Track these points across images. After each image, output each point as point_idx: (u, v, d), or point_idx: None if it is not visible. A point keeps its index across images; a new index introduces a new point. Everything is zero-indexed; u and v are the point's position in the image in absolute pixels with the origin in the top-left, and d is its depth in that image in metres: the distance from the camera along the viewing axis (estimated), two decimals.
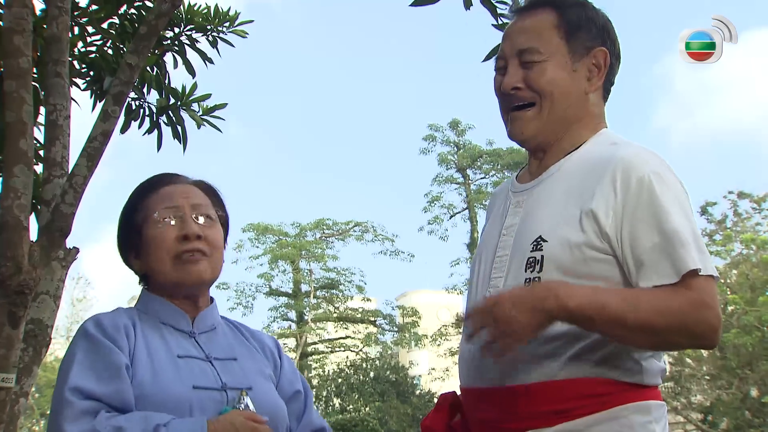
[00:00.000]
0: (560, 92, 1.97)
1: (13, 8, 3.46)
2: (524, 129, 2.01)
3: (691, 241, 1.79)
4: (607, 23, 2.06)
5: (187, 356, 1.97)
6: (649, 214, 1.81)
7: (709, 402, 24.01)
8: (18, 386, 3.51)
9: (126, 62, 3.89)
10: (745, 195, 25.13)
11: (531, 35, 2.00)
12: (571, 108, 1.99)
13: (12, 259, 3.15)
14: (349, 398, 30.07)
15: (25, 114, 3.36)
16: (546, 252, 1.85)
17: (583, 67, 2.00)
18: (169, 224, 2.00)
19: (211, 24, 5.53)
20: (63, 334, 34.30)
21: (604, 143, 1.97)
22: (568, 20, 2.00)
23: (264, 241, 36.07)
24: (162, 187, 2.08)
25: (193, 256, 1.99)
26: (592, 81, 2.01)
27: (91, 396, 1.79)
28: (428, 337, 35.48)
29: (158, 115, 5.52)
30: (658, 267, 1.79)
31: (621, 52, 2.08)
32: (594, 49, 2.01)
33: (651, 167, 1.85)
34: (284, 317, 36.14)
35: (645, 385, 1.85)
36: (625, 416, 1.80)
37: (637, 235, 1.81)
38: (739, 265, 23.86)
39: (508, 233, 1.98)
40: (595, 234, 1.83)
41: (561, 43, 1.99)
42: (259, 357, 2.13)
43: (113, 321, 1.94)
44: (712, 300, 1.77)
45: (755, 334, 21.35)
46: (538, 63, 1.97)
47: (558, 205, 1.90)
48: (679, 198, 1.85)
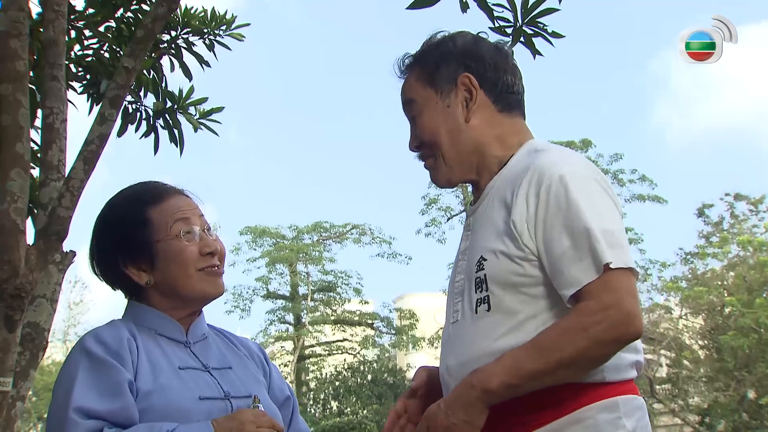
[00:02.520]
0: (441, 135, 2.04)
1: (10, 12, 3.46)
2: (436, 178, 2.09)
3: (600, 237, 1.79)
4: (468, 47, 2.09)
5: (188, 367, 1.97)
6: (558, 218, 1.83)
7: (706, 404, 24.02)
8: (15, 390, 3.51)
9: (123, 65, 3.90)
10: (741, 197, 25.16)
11: (405, 93, 2.13)
12: (462, 142, 2.04)
13: (9, 263, 3.15)
14: (347, 401, 30.06)
15: (21, 117, 3.36)
16: (487, 270, 1.90)
17: (456, 99, 2.05)
18: (191, 238, 2.02)
19: (207, 27, 5.54)
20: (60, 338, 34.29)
21: (529, 153, 2.00)
22: (425, 67, 2.09)
23: (261, 244, 36.05)
24: (164, 199, 2.07)
25: (217, 270, 2.04)
26: (469, 107, 2.05)
27: (95, 415, 1.79)
28: (426, 340, 35.42)
29: (155, 119, 5.53)
30: (573, 270, 1.79)
31: (504, 60, 2.10)
32: (458, 78, 2.05)
33: (561, 170, 1.86)
34: (281, 320, 36.11)
35: (609, 382, 1.85)
36: (590, 417, 1.81)
37: (549, 243, 1.83)
38: (735, 268, 23.90)
39: (462, 257, 2.04)
40: (518, 244, 1.86)
41: (427, 90, 2.07)
42: (250, 364, 2.14)
43: (115, 335, 1.93)
44: (612, 297, 1.76)
45: (752, 336, 21.38)
46: (418, 116, 2.08)
47: (491, 223, 1.95)
48: (590, 196, 1.85)
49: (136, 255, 2.02)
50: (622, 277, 1.78)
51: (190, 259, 2.00)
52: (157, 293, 2.03)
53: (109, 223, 2.08)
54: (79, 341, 1.94)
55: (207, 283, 2.03)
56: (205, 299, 2.06)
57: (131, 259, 2.03)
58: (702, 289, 23.17)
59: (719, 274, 24.64)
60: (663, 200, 28.74)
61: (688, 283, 24.91)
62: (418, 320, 35.92)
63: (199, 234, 2.04)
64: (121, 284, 2.07)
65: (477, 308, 1.91)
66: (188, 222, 2.04)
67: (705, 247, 25.46)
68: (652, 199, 28.03)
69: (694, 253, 25.80)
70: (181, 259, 2.00)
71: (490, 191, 2.02)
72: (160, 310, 2.03)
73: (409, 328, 35.75)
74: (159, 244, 2.00)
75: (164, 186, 2.12)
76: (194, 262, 2.01)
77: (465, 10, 4.87)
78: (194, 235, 2.03)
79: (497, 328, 1.87)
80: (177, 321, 2.05)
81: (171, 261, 2.00)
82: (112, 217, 2.08)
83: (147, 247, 2.01)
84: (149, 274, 2.02)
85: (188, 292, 2.02)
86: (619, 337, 1.76)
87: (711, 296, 23.57)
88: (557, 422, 1.81)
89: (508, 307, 1.87)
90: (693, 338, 25.20)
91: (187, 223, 2.03)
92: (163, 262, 2.00)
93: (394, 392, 29.86)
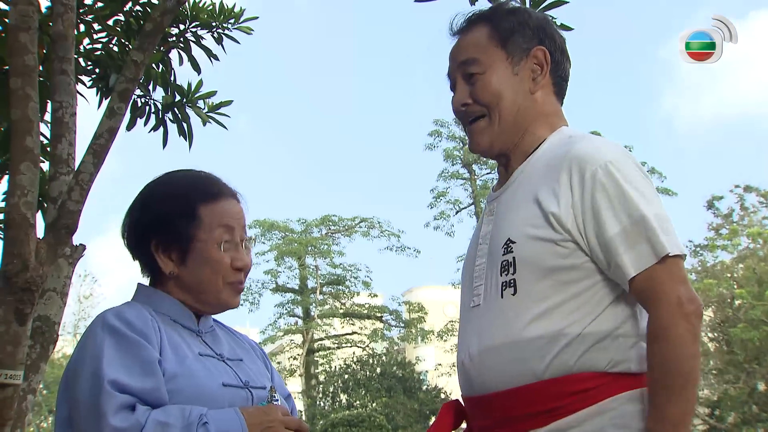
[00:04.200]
0: (506, 99, 2.03)
1: (19, 6, 3.46)
2: (480, 141, 2.07)
3: (656, 223, 1.81)
4: (542, 23, 2.11)
5: (206, 355, 1.97)
6: (608, 203, 1.84)
7: (716, 396, 23.99)
8: (26, 383, 3.52)
9: (131, 59, 3.90)
10: (751, 189, 25.09)
11: (469, 49, 2.08)
12: (520, 112, 2.04)
13: (19, 257, 3.16)
14: (356, 394, 30.09)
15: (31, 111, 3.36)
16: (516, 253, 1.90)
17: (524, 69, 2.05)
18: (228, 248, 2.01)
19: (216, 21, 5.53)
20: (70, 331, 34.39)
21: (562, 140, 2.01)
22: (500, 28, 2.06)
23: (270, 238, 36.16)
24: (219, 199, 2.05)
25: (240, 286, 2.05)
26: (537, 80, 2.05)
27: (127, 391, 1.76)
28: (434, 333, 35.52)
29: (164, 112, 5.54)
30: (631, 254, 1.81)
31: (566, 48, 2.12)
32: (532, 49, 2.05)
33: (604, 158, 1.87)
34: (291, 313, 36.23)
35: (634, 373, 1.85)
36: (615, 408, 1.80)
37: (601, 228, 1.83)
38: (745, 260, 23.83)
39: (483, 241, 2.03)
40: (557, 229, 1.86)
41: (498, 51, 2.05)
42: (256, 359, 2.15)
43: (138, 314, 1.91)
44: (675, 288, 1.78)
45: (762, 328, 21.32)
46: (480, 75, 2.04)
47: (523, 207, 1.94)
48: (636, 183, 1.86)
49: (171, 243, 2.00)
50: (680, 265, 1.82)
51: (223, 269, 2.00)
52: (177, 286, 2.02)
53: (156, 203, 2.05)
54: (97, 319, 1.90)
55: (229, 297, 2.03)
56: (222, 309, 2.07)
57: (164, 245, 2.01)
58: (712, 281, 23.11)
59: (729, 266, 24.58)
60: (672, 192, 28.72)
61: (698, 275, 24.84)
62: (427, 313, 35.97)
63: (236, 246, 2.03)
64: (143, 263, 2.06)
65: (503, 291, 1.90)
66: (232, 232, 2.02)
67: (715, 240, 25.40)
68: (661, 192, 27.99)
69: (704, 246, 25.75)
70: (216, 267, 1.99)
71: (519, 176, 2.02)
72: (173, 297, 2.03)
73: (417, 321, 35.82)
74: (198, 243, 1.99)
75: (221, 185, 2.09)
76: (225, 274, 2.00)
77: (473, 2, 4.86)
78: (233, 247, 2.02)
79: (524, 314, 1.86)
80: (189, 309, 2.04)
81: (204, 264, 1.99)
82: (161, 199, 2.05)
83: (185, 241, 1.99)
84: (176, 266, 2.00)
85: (210, 299, 2.02)
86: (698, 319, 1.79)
87: (721, 289, 23.52)
88: (583, 412, 1.80)
89: (537, 291, 1.86)
90: (703, 331, 25.11)
91: (230, 233, 2.02)
92: (196, 262, 1.99)
93: (402, 385, 29.89)
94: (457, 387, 2.14)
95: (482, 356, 1.90)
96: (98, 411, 1.73)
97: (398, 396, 29.16)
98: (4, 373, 3.12)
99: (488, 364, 1.89)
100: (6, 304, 3.16)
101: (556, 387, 1.81)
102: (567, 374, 1.82)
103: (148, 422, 1.73)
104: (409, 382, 30.35)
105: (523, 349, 1.84)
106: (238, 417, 1.82)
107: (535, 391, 1.82)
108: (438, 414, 2.07)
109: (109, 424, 1.72)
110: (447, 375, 33.32)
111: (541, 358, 1.83)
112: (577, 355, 1.82)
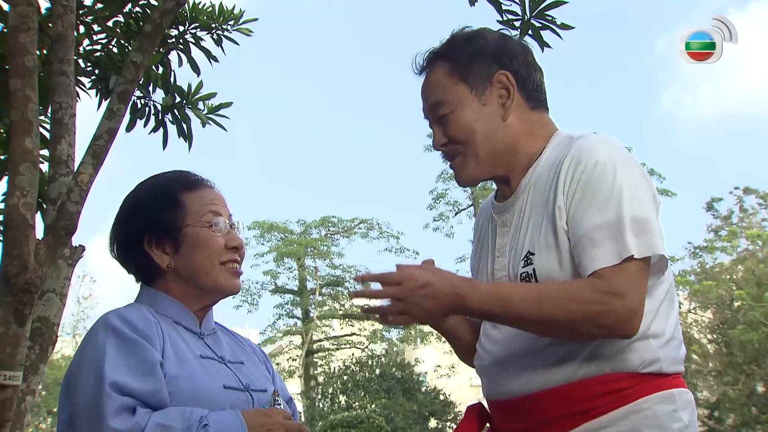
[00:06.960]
0: (478, 133, 2.02)
1: (19, 7, 3.47)
2: (462, 175, 2.07)
3: (629, 224, 1.80)
4: (500, 44, 2.09)
5: (207, 357, 1.98)
6: (590, 199, 1.84)
7: (715, 398, 23.96)
8: (25, 384, 3.52)
9: (131, 60, 3.90)
10: (751, 191, 25.07)
11: (434, 92, 2.07)
12: (498, 140, 2.03)
13: (18, 258, 3.16)
14: (355, 395, 30.06)
15: (30, 112, 3.36)
16: (536, 264, 1.90)
17: (491, 98, 2.03)
18: (219, 229, 2.04)
19: (215, 22, 5.53)
20: (69, 332, 34.42)
21: (562, 142, 2.01)
22: (459, 62, 2.04)
23: (269, 239, 36.15)
24: (200, 188, 2.10)
25: (237, 268, 2.06)
26: (506, 105, 2.03)
27: (129, 393, 1.77)
28: (434, 334, 35.44)
29: (164, 114, 5.54)
30: (595, 251, 1.80)
31: (531, 58, 2.10)
32: (494, 75, 2.03)
33: (599, 154, 1.88)
34: (290, 314, 36.22)
35: (665, 373, 1.87)
36: (648, 408, 1.82)
37: (581, 217, 1.84)
38: (745, 261, 23.79)
39: (501, 254, 2.03)
40: (564, 230, 1.87)
41: (460, 86, 2.04)
42: (257, 362, 2.16)
43: (141, 315, 1.92)
44: (624, 287, 1.77)
45: (762, 330, 21.29)
46: (450, 115, 2.03)
47: (537, 215, 1.95)
48: (627, 183, 1.86)
49: (163, 236, 2.03)
50: (638, 270, 1.79)
51: (216, 249, 2.02)
52: (175, 280, 2.03)
53: (141, 201, 2.09)
54: (100, 320, 1.92)
55: (226, 279, 2.04)
56: (222, 293, 2.07)
57: (157, 239, 2.03)
58: (711, 283, 23.09)
59: (728, 268, 24.54)
60: (672, 193, 28.71)
61: (697, 277, 24.84)
62: None
63: (226, 227, 2.06)
64: (139, 266, 2.07)
65: None
66: (218, 214, 2.06)
67: (714, 241, 25.38)
68: (661, 193, 27.73)
69: (703, 247, 25.74)
70: (208, 247, 2.02)
71: (528, 184, 2.01)
72: (175, 299, 2.03)
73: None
74: (188, 228, 2.02)
75: (197, 176, 2.14)
76: (219, 253, 2.02)
77: (473, 3, 4.87)
78: (223, 227, 2.05)
79: None
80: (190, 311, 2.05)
81: (197, 247, 2.02)
82: (145, 196, 2.09)
83: (175, 229, 2.02)
84: (172, 258, 2.03)
85: (207, 282, 2.03)
86: (612, 326, 1.77)
87: (720, 290, 23.49)
88: (617, 412, 1.82)
89: None
90: (702, 332, 25.11)
91: (217, 215, 2.06)
92: (189, 247, 2.02)
93: (402, 386, 29.86)
94: (456, 388, 2.16)
95: (511, 361, 1.93)
96: (98, 413, 1.74)
97: (397, 397, 29.12)
98: (3, 374, 3.12)
99: (517, 368, 1.91)
100: (5, 305, 3.16)
101: (590, 387, 1.83)
102: (600, 374, 1.84)
103: (149, 424, 1.73)
104: (408, 384, 30.31)
105: (555, 350, 1.87)
106: (239, 419, 1.82)
107: (568, 392, 1.84)
108: (463, 417, 2.09)
109: (109, 426, 1.72)
110: (446, 376, 33.29)
111: (573, 360, 1.85)
112: (608, 355, 1.84)
